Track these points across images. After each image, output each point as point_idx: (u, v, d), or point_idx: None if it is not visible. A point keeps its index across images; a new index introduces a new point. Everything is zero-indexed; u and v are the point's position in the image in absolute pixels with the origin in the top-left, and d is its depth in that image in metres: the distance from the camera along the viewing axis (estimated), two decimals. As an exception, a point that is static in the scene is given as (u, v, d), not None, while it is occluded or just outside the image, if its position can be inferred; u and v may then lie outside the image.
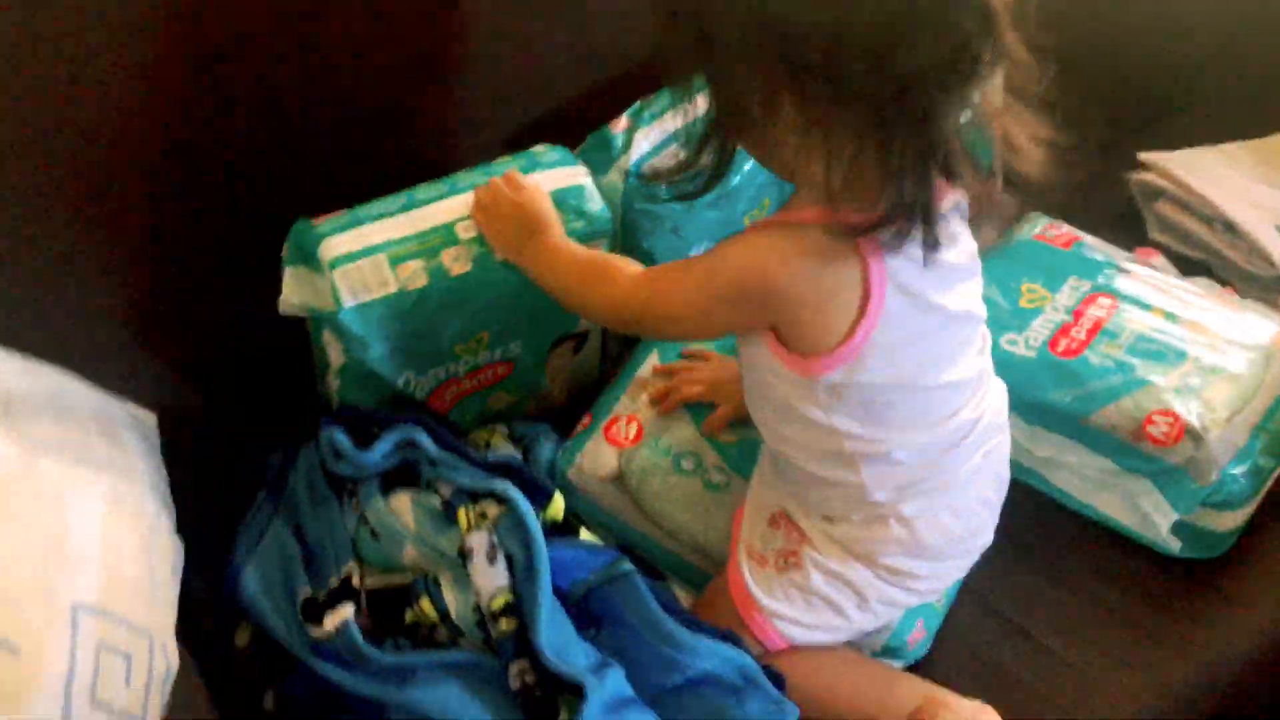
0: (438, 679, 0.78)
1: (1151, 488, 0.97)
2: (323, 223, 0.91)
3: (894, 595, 0.85)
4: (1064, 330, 1.05)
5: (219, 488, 0.94)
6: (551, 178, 0.97)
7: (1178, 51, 1.60)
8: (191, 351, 1.00)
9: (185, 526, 0.86)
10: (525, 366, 1.01)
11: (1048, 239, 1.18)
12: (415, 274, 0.90)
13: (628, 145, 1.02)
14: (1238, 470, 0.95)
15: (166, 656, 0.73)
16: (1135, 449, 0.97)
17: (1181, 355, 1.01)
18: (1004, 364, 1.01)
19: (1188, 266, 1.29)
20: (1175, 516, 0.96)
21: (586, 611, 0.83)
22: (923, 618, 0.91)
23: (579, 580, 0.83)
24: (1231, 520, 0.96)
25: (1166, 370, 0.99)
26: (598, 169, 1.02)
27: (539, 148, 1.01)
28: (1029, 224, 1.21)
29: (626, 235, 1.01)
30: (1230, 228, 1.29)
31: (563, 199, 0.95)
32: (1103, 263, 1.14)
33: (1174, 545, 0.97)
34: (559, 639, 0.78)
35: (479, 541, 0.81)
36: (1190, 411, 0.95)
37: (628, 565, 0.84)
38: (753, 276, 0.75)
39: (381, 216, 0.92)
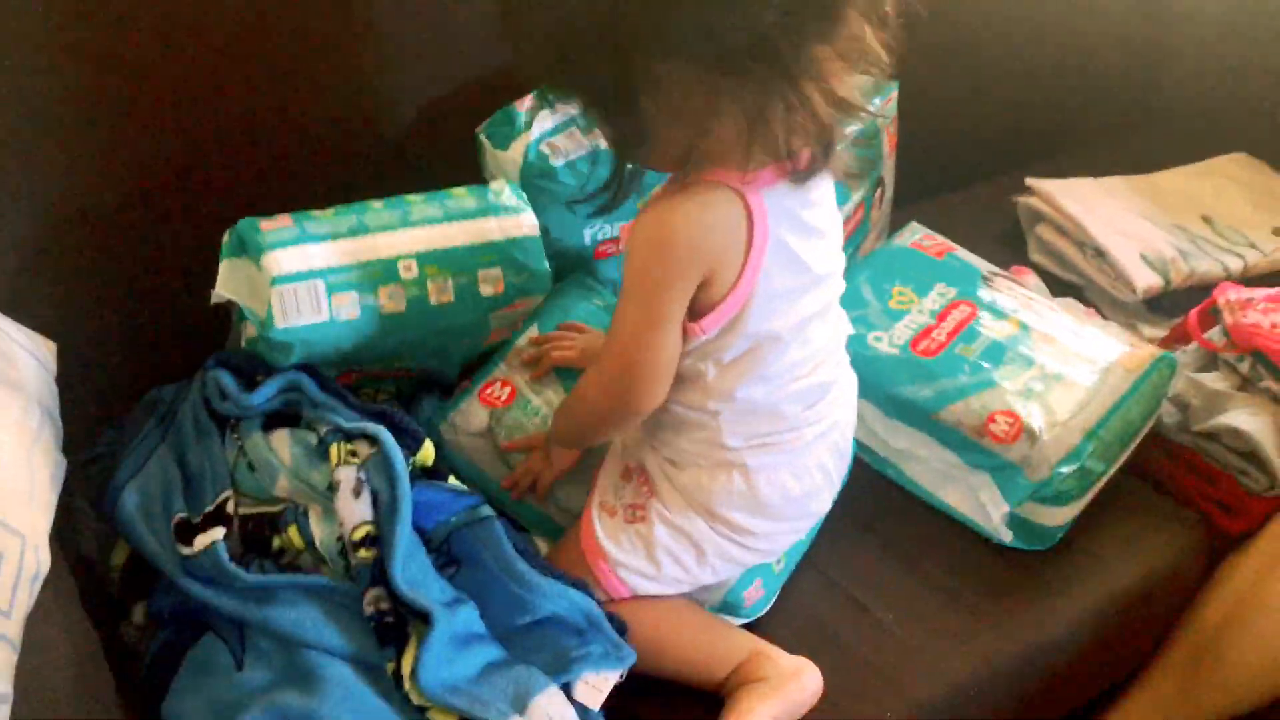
0: (297, 600, 0.83)
1: (990, 481, 1.04)
2: (272, 230, 0.92)
3: (731, 551, 0.92)
4: (926, 332, 1.12)
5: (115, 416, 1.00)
6: (503, 225, 1.00)
7: (1077, 88, 1.70)
8: (103, 292, 1.05)
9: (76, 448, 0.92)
10: (432, 372, 1.07)
11: (923, 247, 1.25)
12: (349, 305, 0.93)
13: (529, 123, 1.08)
14: (1066, 469, 1.02)
15: (38, 557, 0.77)
16: (978, 444, 1.04)
17: (1029, 362, 1.08)
18: (870, 360, 1.09)
19: (1061, 288, 1.38)
20: (1007, 508, 1.03)
21: (447, 552, 0.88)
22: (761, 577, 0.97)
23: (441, 522, 0.89)
24: (1059, 516, 1.04)
25: (1013, 374, 1.07)
26: (500, 143, 1.07)
27: (495, 184, 1.03)
28: (908, 233, 1.29)
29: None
30: (1100, 254, 1.38)
31: (508, 250, 0.99)
32: (970, 273, 1.22)
33: (1006, 536, 1.05)
34: (415, 572, 0.83)
35: (346, 475, 0.86)
36: (1030, 413, 1.03)
37: (488, 510, 0.90)
38: (671, 242, 0.80)
39: (329, 237, 0.93)
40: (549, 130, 1.08)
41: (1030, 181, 1.48)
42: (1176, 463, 1.15)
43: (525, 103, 1.09)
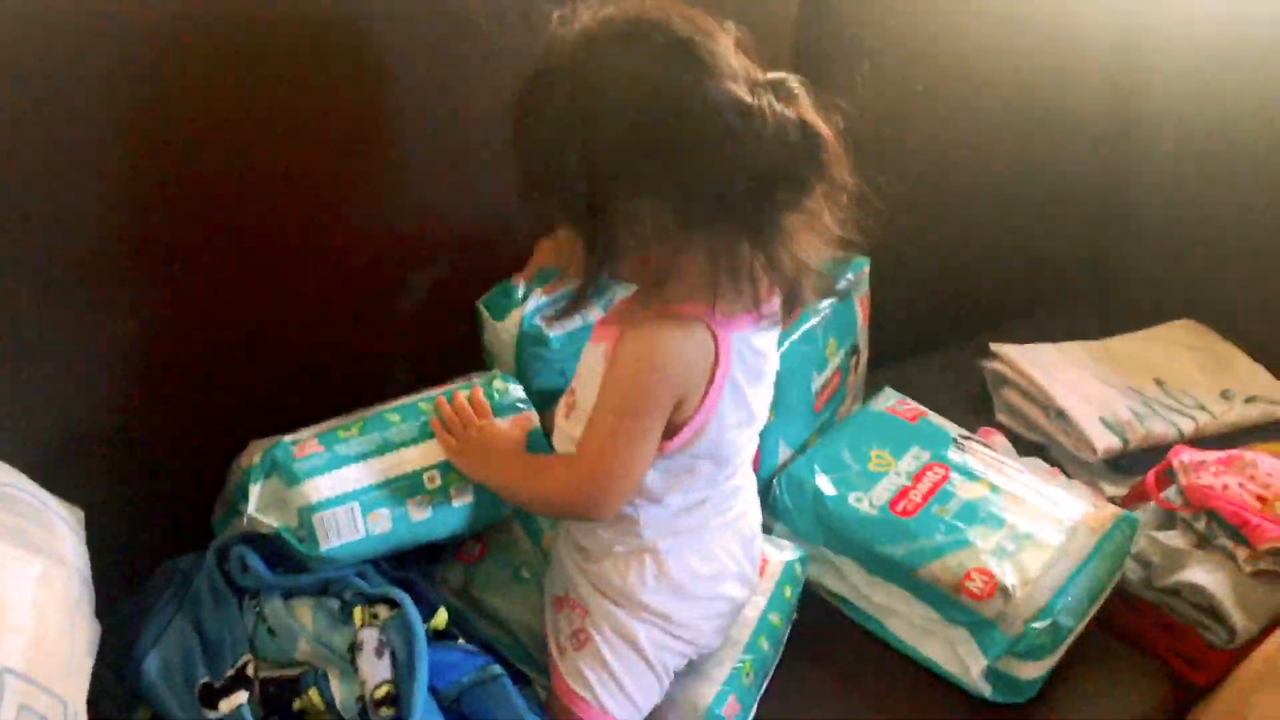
0: (320, 762, 0.87)
1: (968, 637, 1.10)
2: (305, 457, 0.98)
3: (664, 640, 0.99)
4: (903, 493, 1.20)
5: (130, 583, 1.04)
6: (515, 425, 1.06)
7: (1037, 260, 1.81)
8: (120, 463, 1.11)
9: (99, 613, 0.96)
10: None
11: (897, 411, 1.34)
12: (382, 520, 0.98)
13: (526, 297, 1.16)
14: (1039, 625, 1.08)
15: (77, 723, 0.81)
16: (955, 600, 1.11)
17: (1000, 522, 1.16)
18: (852, 519, 1.17)
19: (1026, 448, 1.46)
20: (985, 663, 1.09)
21: (458, 711, 0.93)
22: (734, 691, 1.04)
23: (454, 681, 0.93)
24: (1034, 670, 1.09)
25: (986, 534, 1.15)
26: (497, 314, 1.16)
27: (498, 384, 1.09)
28: (883, 398, 1.38)
29: (520, 374, 1.14)
30: (1062, 416, 1.47)
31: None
32: (942, 437, 1.30)
33: (986, 690, 1.10)
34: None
35: (369, 636, 0.92)
36: (1003, 571, 1.10)
37: (498, 669, 0.95)
38: (664, 364, 0.89)
39: (359, 459, 0.99)
40: (542, 304, 1.16)
41: (994, 347, 1.57)
42: (1142, 617, 1.22)
43: (522, 277, 1.18)
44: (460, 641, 0.98)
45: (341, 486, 0.97)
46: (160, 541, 1.08)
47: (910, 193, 1.55)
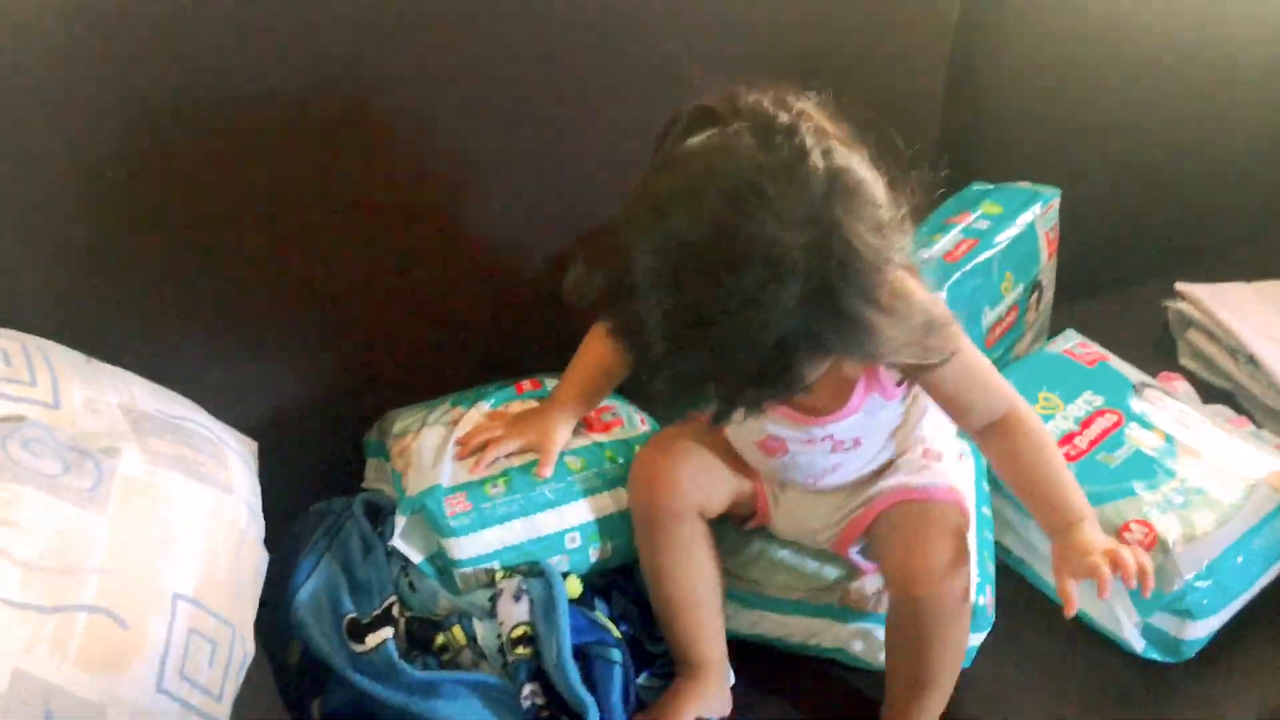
0: (459, 694, 0.91)
1: (1122, 590, 1.04)
2: (455, 516, 0.99)
3: None
4: (1068, 437, 1.15)
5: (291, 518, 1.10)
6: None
7: (1230, 193, 1.70)
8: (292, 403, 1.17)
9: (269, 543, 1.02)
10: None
11: (1075, 354, 1.28)
12: (518, 579, 0.99)
13: None
14: (1201, 584, 1.02)
15: (245, 646, 0.87)
16: (1114, 551, 1.06)
17: (1171, 474, 1.10)
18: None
19: (1212, 394, 1.37)
20: (1139, 618, 1.04)
21: (584, 668, 0.95)
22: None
23: (579, 643, 0.95)
24: (1193, 630, 1.04)
25: (1153, 485, 1.09)
26: None
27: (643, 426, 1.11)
28: (1062, 339, 1.31)
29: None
30: (1252, 360, 1.37)
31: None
32: (1120, 382, 1.23)
33: (1138, 645, 1.05)
34: (570, 669, 0.90)
35: (509, 584, 0.96)
36: (1166, 525, 1.04)
37: (617, 655, 0.96)
38: None
39: (505, 520, 1.00)
40: None
41: (1181, 287, 1.47)
42: (1332, 578, 1.13)
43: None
44: (596, 614, 1.00)
45: (485, 547, 1.00)
46: (320, 482, 1.14)
47: (1102, 126, 1.52)
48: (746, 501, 1.06)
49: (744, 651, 1.04)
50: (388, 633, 0.94)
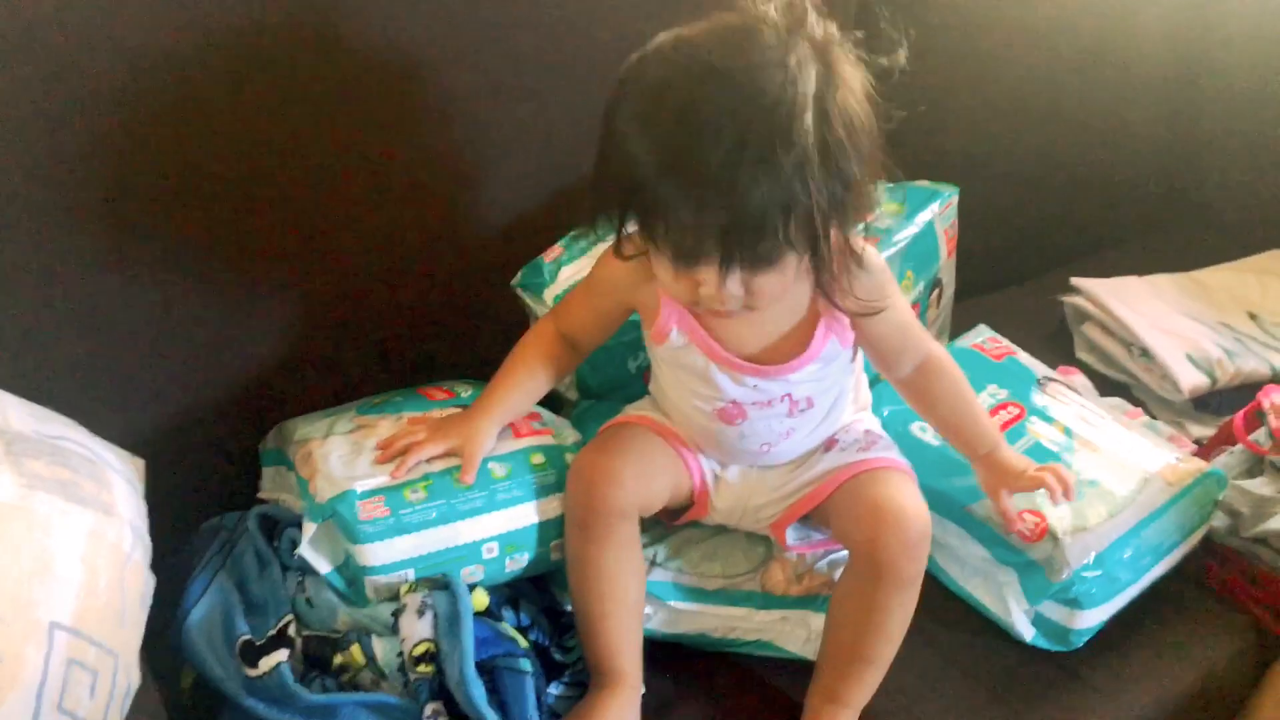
0: (359, 717, 0.88)
1: (1014, 577, 1.07)
2: (370, 520, 0.96)
3: None
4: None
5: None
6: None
7: (1122, 186, 1.74)
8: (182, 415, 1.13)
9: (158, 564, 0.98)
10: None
11: (984, 349, 1.29)
12: (419, 594, 0.96)
13: (554, 276, 1.14)
14: (1089, 574, 1.04)
15: (129, 676, 0.83)
16: (1004, 540, 1.07)
17: (1067, 466, 1.10)
18: (912, 448, 1.13)
19: (1108, 386, 1.40)
20: (1029, 606, 1.06)
21: (488, 683, 0.92)
22: None
23: (487, 655, 0.93)
24: (1081, 620, 1.05)
25: (1049, 476, 1.10)
26: (537, 293, 1.14)
27: (571, 435, 1.09)
28: (973, 334, 1.33)
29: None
30: (1146, 353, 1.40)
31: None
32: (1025, 376, 1.25)
33: (1028, 634, 1.07)
34: (473, 686, 0.88)
35: (412, 600, 0.93)
36: (1056, 514, 1.05)
37: (525, 664, 0.94)
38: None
39: (421, 526, 0.97)
40: (565, 289, 1.14)
41: (1076, 281, 1.51)
42: (1226, 567, 1.16)
43: (551, 253, 1.16)
44: (500, 624, 0.98)
45: (399, 554, 0.96)
46: (213, 497, 1.11)
47: (991, 124, 1.55)
48: (682, 497, 1.06)
49: (656, 660, 1.03)
50: (282, 655, 0.91)
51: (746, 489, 1.06)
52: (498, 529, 1.00)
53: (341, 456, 1.02)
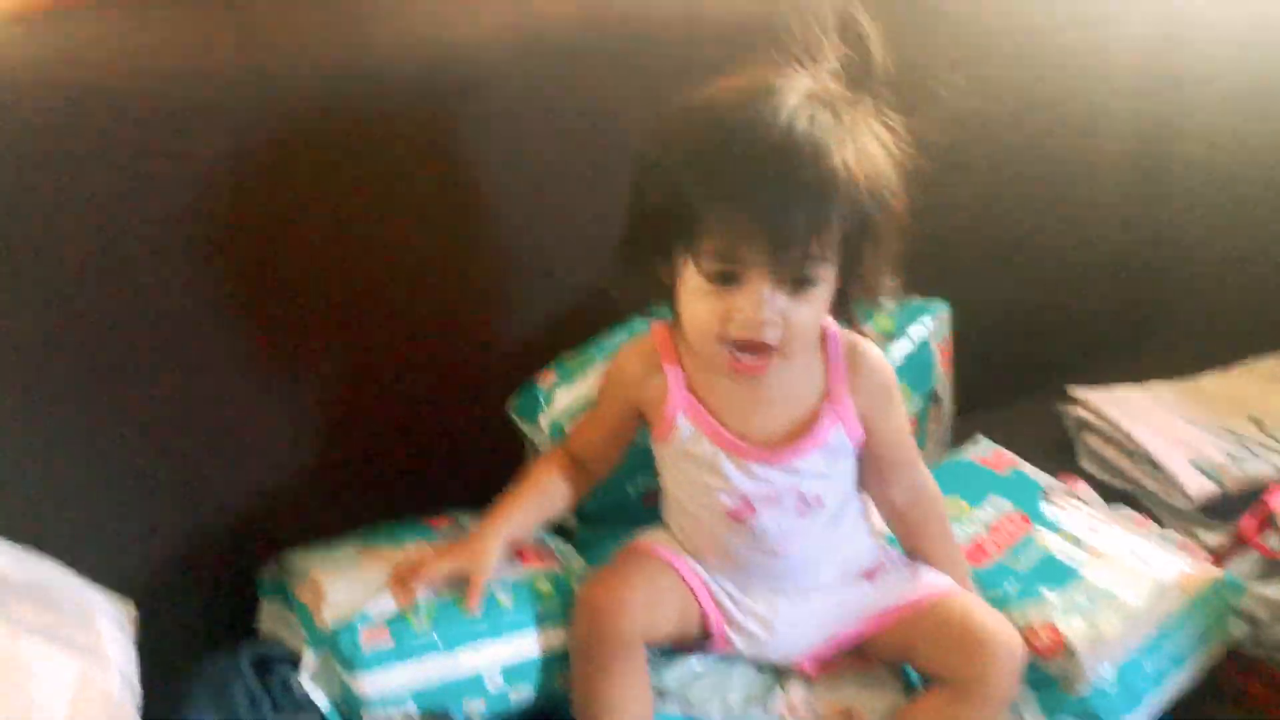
0: None
1: (1031, 695, 1.03)
2: (371, 650, 0.94)
3: None
4: (977, 542, 1.14)
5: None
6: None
7: (1116, 299, 1.75)
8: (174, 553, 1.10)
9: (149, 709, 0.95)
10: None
11: (986, 461, 1.28)
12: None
13: (549, 400, 1.14)
14: (1109, 688, 1.01)
15: (114, 829, 0.80)
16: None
17: (1078, 576, 1.09)
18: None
19: (1113, 497, 1.37)
20: (1047, 724, 1.02)
21: None
22: None
23: None
24: None
25: (1061, 588, 1.07)
26: (531, 418, 1.14)
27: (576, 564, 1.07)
28: (974, 447, 1.32)
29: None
30: (1150, 460, 1.38)
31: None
32: (1030, 487, 1.23)
33: None
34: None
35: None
36: (1071, 627, 1.03)
37: None
38: None
39: (424, 652, 0.95)
40: (568, 408, 1.14)
41: (1074, 391, 1.50)
42: (1248, 676, 1.12)
43: (545, 379, 1.16)
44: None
45: (400, 684, 0.94)
46: (207, 636, 1.07)
47: (982, 239, 1.56)
48: (690, 626, 1.04)
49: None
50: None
51: (780, 618, 1.03)
52: (503, 659, 0.98)
53: (347, 584, 1.00)
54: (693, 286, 0.92)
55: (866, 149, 0.91)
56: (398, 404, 1.18)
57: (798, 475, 0.99)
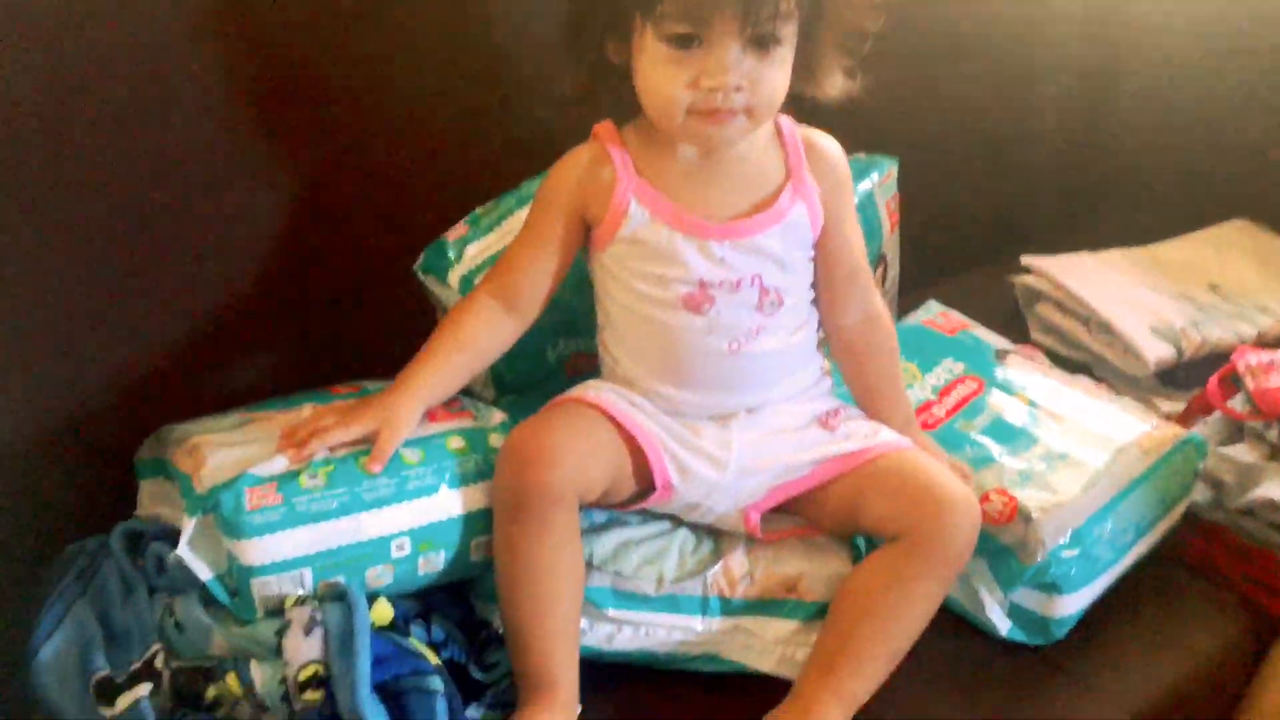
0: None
1: (984, 566, 0.96)
2: (257, 510, 0.84)
3: None
4: (925, 406, 1.07)
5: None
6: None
7: (1075, 171, 1.68)
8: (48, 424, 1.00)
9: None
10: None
11: (935, 324, 1.21)
12: (306, 607, 0.84)
13: (459, 256, 1.04)
14: (1067, 554, 0.94)
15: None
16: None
17: (1033, 439, 1.02)
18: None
19: (1068, 367, 1.30)
20: (1002, 595, 0.96)
21: (396, 707, 0.80)
22: None
23: (391, 675, 0.81)
24: (1061, 607, 0.95)
25: (1015, 452, 1.01)
26: (441, 276, 1.04)
27: (496, 416, 0.98)
28: (922, 310, 1.25)
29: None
30: (1106, 328, 1.32)
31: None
32: (982, 349, 1.17)
33: (1003, 626, 0.97)
34: (368, 710, 0.75)
35: (299, 614, 0.80)
36: (1026, 493, 0.96)
37: (436, 683, 0.81)
38: None
39: (319, 517, 0.85)
40: (472, 270, 1.04)
41: (1027, 260, 1.43)
42: (1213, 543, 1.07)
43: (455, 232, 1.06)
44: (407, 640, 0.85)
45: (292, 550, 0.84)
46: (82, 520, 0.97)
47: (931, 103, 1.48)
48: (627, 482, 0.95)
49: (595, 683, 0.90)
50: (142, 690, 0.78)
51: (734, 456, 0.95)
52: (409, 522, 0.88)
53: (232, 447, 0.89)
54: (652, 55, 0.87)
55: None
56: (299, 270, 1.08)
57: (758, 256, 0.94)
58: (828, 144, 0.98)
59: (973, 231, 1.59)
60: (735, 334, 0.94)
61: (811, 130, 0.98)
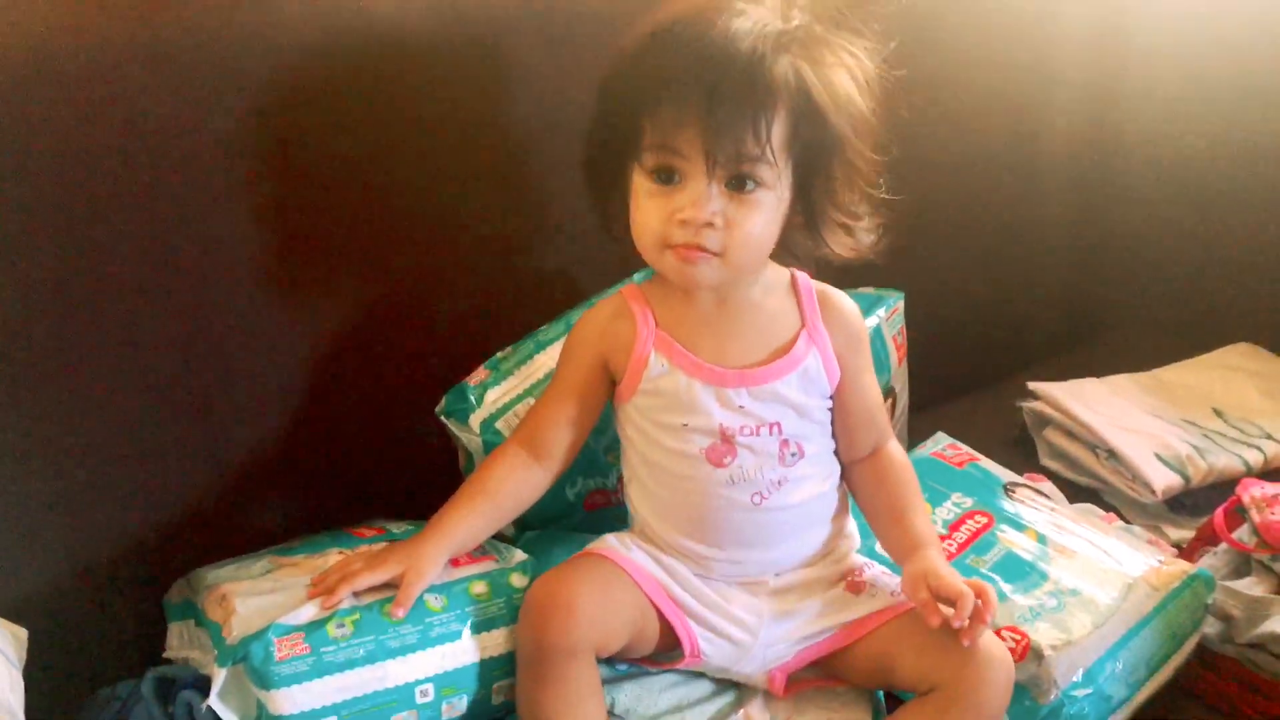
0: None
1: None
2: (286, 661, 0.85)
3: None
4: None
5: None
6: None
7: (1078, 295, 1.71)
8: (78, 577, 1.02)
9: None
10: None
11: (945, 457, 1.23)
12: None
13: (480, 401, 1.07)
14: (1080, 693, 0.95)
15: None
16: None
17: (1043, 576, 1.03)
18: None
19: (1076, 492, 1.33)
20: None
21: None
22: None
23: None
24: None
25: (1025, 589, 1.02)
26: (462, 420, 1.07)
27: (518, 558, 1.00)
28: (931, 442, 1.26)
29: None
30: (1113, 455, 1.33)
31: None
32: (990, 482, 1.18)
33: None
34: None
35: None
36: (1038, 631, 0.97)
37: None
38: None
39: (347, 666, 0.87)
40: (493, 413, 1.07)
41: (1034, 386, 1.45)
42: (1223, 677, 1.07)
43: (476, 377, 1.09)
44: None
45: (320, 699, 0.86)
46: (113, 665, 0.99)
47: (936, 231, 1.52)
48: (649, 641, 0.96)
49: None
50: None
51: (761, 624, 0.97)
52: (433, 669, 0.90)
53: (261, 595, 0.92)
54: (639, 190, 0.91)
55: (825, 64, 0.89)
56: (324, 412, 1.11)
57: (777, 403, 0.95)
58: (841, 299, 1.00)
59: (979, 354, 1.62)
60: (758, 486, 0.95)
61: (826, 287, 1.01)
